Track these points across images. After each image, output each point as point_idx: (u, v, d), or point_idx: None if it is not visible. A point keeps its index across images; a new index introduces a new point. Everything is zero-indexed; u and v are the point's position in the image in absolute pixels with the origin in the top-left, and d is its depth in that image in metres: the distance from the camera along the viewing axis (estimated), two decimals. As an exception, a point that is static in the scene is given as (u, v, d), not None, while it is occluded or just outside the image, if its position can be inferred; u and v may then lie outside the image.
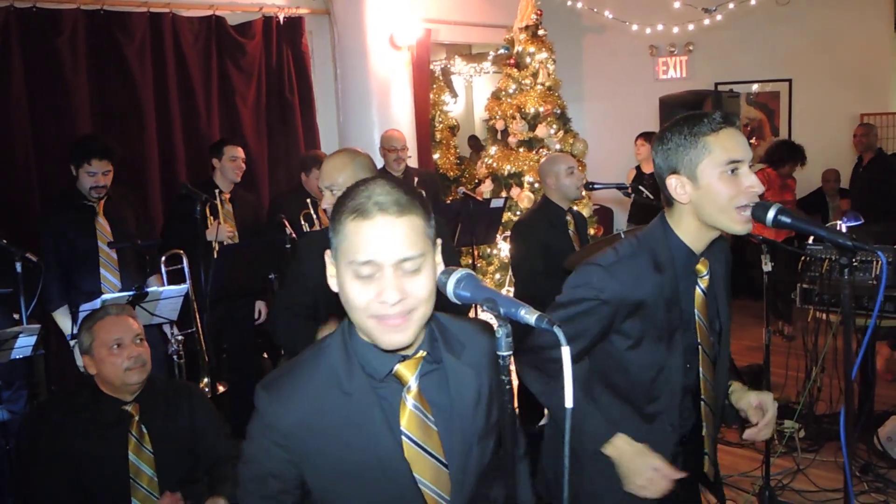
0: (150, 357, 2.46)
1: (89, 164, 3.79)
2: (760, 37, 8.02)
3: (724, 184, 1.64)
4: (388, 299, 1.20)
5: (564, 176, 3.75)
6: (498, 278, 5.70)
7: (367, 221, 1.21)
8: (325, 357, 1.35)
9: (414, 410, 1.32)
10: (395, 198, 1.22)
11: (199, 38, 5.36)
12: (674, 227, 1.76)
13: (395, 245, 1.20)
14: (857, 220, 4.13)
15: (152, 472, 2.39)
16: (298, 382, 1.34)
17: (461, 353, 1.39)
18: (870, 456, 3.86)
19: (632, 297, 1.71)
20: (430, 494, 1.33)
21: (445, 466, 1.35)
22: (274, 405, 1.32)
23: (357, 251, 1.21)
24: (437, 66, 9.14)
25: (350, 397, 1.30)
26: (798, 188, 7.93)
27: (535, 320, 1.11)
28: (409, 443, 1.32)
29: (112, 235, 3.91)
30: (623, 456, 1.80)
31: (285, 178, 5.81)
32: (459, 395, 1.36)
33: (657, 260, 1.74)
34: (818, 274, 4.06)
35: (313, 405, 1.31)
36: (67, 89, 4.68)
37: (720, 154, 1.63)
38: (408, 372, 1.32)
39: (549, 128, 5.77)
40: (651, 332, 1.75)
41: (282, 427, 1.31)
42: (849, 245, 1.64)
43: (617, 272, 1.73)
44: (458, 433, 1.35)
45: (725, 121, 1.65)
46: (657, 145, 1.73)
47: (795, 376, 4.39)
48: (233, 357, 4.57)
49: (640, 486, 1.78)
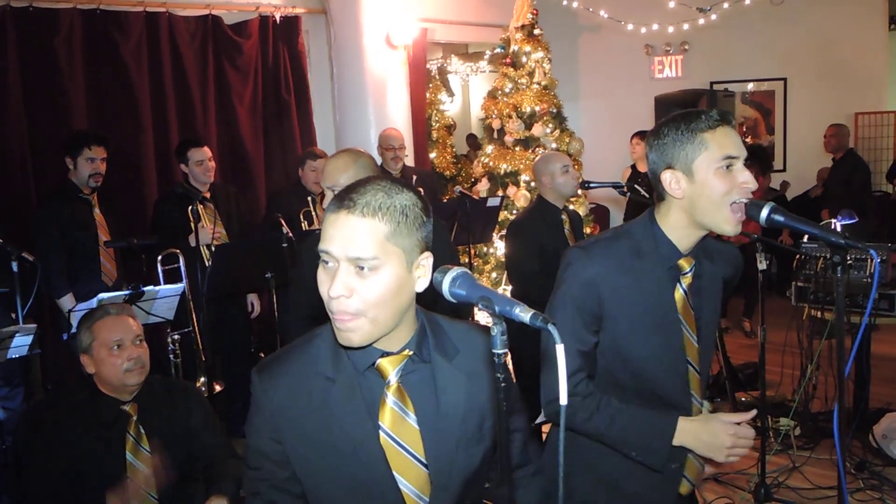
0: (149, 358, 2.46)
1: (89, 149, 3.95)
2: (755, 36, 8.04)
3: (720, 179, 1.65)
4: (332, 292, 1.23)
5: (559, 175, 3.75)
6: (494, 277, 5.71)
7: (334, 214, 1.25)
8: (315, 344, 1.39)
9: (393, 407, 1.33)
10: (370, 200, 1.24)
11: (196, 38, 5.36)
12: (661, 222, 1.77)
13: (348, 243, 1.22)
14: (852, 218, 4.14)
15: (150, 471, 2.39)
16: (286, 365, 1.38)
17: (454, 356, 1.40)
18: (865, 453, 3.87)
19: (609, 276, 1.72)
20: (407, 494, 1.34)
21: (425, 467, 1.35)
22: (262, 385, 1.37)
23: (322, 240, 1.25)
24: (434, 65, 9.15)
25: (333, 383, 1.33)
26: (792, 187, 7.99)
27: (529, 318, 1.11)
28: (388, 439, 1.33)
29: (108, 227, 4.06)
30: (697, 432, 1.75)
31: (282, 177, 5.81)
32: (446, 397, 1.37)
33: (637, 247, 1.76)
34: (813, 272, 4.08)
35: (297, 387, 1.35)
36: (64, 88, 4.68)
37: (716, 150, 1.65)
38: (389, 367, 1.33)
39: (546, 127, 5.78)
40: (636, 317, 1.74)
41: (268, 406, 1.36)
42: (841, 243, 1.65)
43: (593, 252, 1.75)
44: (442, 434, 1.36)
45: (722, 118, 1.67)
46: (652, 140, 1.74)
47: (791, 374, 4.41)
48: (228, 356, 4.57)
49: (730, 450, 1.72)
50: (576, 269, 1.75)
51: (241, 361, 4.53)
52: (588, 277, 1.73)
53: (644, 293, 1.74)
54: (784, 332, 4.05)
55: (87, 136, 4.00)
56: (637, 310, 1.74)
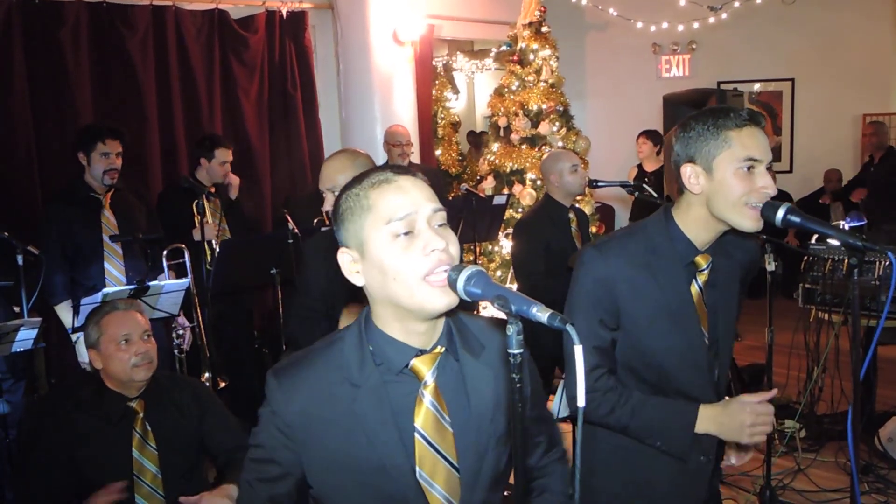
0: (156, 354, 2.44)
1: (103, 143, 3.75)
2: (763, 36, 8.01)
3: (738, 180, 1.63)
4: (437, 245, 1.20)
5: (568, 174, 3.73)
6: (500, 275, 5.69)
7: (393, 184, 1.25)
8: (337, 347, 1.32)
9: (430, 408, 1.28)
10: (401, 168, 1.29)
11: (202, 32, 5.34)
12: (679, 218, 1.76)
13: (426, 197, 1.24)
14: (861, 220, 4.11)
15: (156, 468, 2.37)
16: (307, 371, 1.32)
17: (480, 353, 1.35)
18: (871, 457, 3.86)
19: (624, 273, 1.72)
20: (437, 498, 1.28)
21: (457, 471, 1.30)
22: (280, 392, 1.31)
23: (393, 210, 1.22)
24: (439, 62, 9.12)
25: (359, 390, 1.27)
26: (799, 188, 7.95)
27: (547, 318, 1.08)
28: (423, 442, 1.27)
29: (118, 229, 3.85)
30: (719, 417, 1.74)
31: (287, 173, 5.80)
32: (477, 395, 1.32)
33: (653, 244, 1.75)
34: (821, 274, 4.06)
35: (319, 395, 1.29)
36: (69, 82, 4.66)
37: (739, 150, 1.63)
38: (424, 367, 1.28)
39: (552, 125, 5.76)
40: (654, 314, 1.74)
41: (285, 415, 1.30)
42: (858, 245, 1.63)
43: (607, 250, 1.75)
44: (473, 436, 1.31)
45: (751, 119, 1.65)
46: (680, 132, 1.73)
47: (797, 376, 4.39)
48: (232, 352, 4.56)
49: (753, 430, 1.72)
50: (590, 268, 1.75)
51: (245, 357, 4.51)
52: (603, 275, 1.73)
53: (661, 289, 1.73)
54: (790, 333, 4.03)
55: (100, 129, 3.81)
56: (655, 306, 1.73)
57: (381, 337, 1.29)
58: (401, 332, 1.28)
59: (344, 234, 1.29)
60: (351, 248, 1.28)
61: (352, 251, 1.28)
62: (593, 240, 5.47)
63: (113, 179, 3.82)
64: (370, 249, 1.24)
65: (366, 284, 1.29)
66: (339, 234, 1.30)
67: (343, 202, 1.29)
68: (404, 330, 1.28)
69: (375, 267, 1.24)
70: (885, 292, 3.74)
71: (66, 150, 4.12)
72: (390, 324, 1.28)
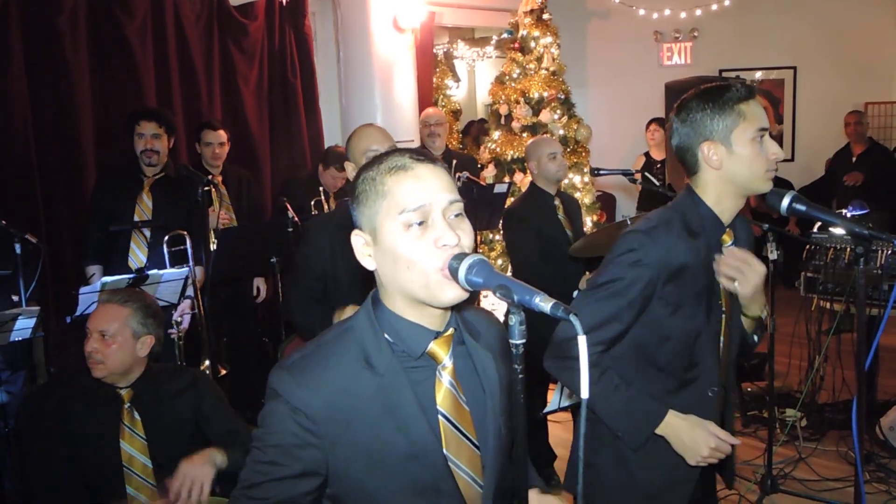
0: (113, 355, 2.32)
1: (138, 125, 3.96)
2: (765, 24, 7.97)
3: (757, 149, 1.69)
4: (449, 241, 1.18)
5: (547, 160, 3.72)
6: (500, 264, 5.68)
7: (410, 172, 1.22)
8: (352, 337, 1.29)
9: (450, 388, 1.29)
10: (422, 155, 1.26)
11: (201, 19, 5.29)
12: (702, 195, 1.78)
13: (443, 188, 1.22)
14: (863, 209, 4.10)
15: (146, 459, 2.35)
16: (326, 364, 1.27)
17: (478, 337, 1.37)
18: (872, 446, 3.86)
19: (673, 261, 1.73)
20: (463, 478, 1.30)
21: (478, 448, 1.32)
22: (299, 389, 1.24)
23: (407, 200, 1.20)
24: (440, 49, 9.08)
25: (382, 378, 1.25)
26: (801, 176, 7.92)
27: (550, 308, 1.07)
28: (447, 423, 1.28)
29: (152, 214, 3.98)
30: (680, 432, 1.76)
31: (287, 160, 5.77)
32: (486, 375, 1.34)
33: (689, 226, 1.77)
34: (823, 263, 4.04)
35: (343, 388, 1.24)
36: (67, 69, 4.62)
37: (753, 121, 1.68)
38: (441, 350, 1.28)
39: (553, 113, 5.73)
40: (688, 297, 1.76)
41: (311, 412, 1.23)
42: (865, 234, 1.62)
43: (657, 236, 1.75)
44: (489, 414, 1.33)
45: (751, 91, 1.71)
46: (683, 115, 1.75)
47: (798, 365, 4.38)
48: (233, 340, 4.55)
49: (704, 457, 1.74)
50: (645, 253, 1.73)
51: (246, 346, 4.49)
52: (657, 259, 1.73)
53: (697, 272, 1.75)
54: (791, 322, 4.02)
55: (136, 111, 4.05)
56: (692, 286, 1.76)
57: (398, 321, 1.28)
58: (415, 315, 1.28)
59: (359, 217, 1.28)
60: (364, 232, 1.27)
61: (365, 234, 1.27)
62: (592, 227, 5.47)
63: (150, 159, 3.98)
64: (383, 236, 1.23)
65: (377, 269, 1.28)
66: (355, 214, 1.29)
67: (360, 184, 1.27)
68: (419, 313, 1.27)
69: (388, 254, 1.23)
70: (887, 281, 3.73)
71: (63, 139, 4.14)
72: (404, 308, 1.27)
